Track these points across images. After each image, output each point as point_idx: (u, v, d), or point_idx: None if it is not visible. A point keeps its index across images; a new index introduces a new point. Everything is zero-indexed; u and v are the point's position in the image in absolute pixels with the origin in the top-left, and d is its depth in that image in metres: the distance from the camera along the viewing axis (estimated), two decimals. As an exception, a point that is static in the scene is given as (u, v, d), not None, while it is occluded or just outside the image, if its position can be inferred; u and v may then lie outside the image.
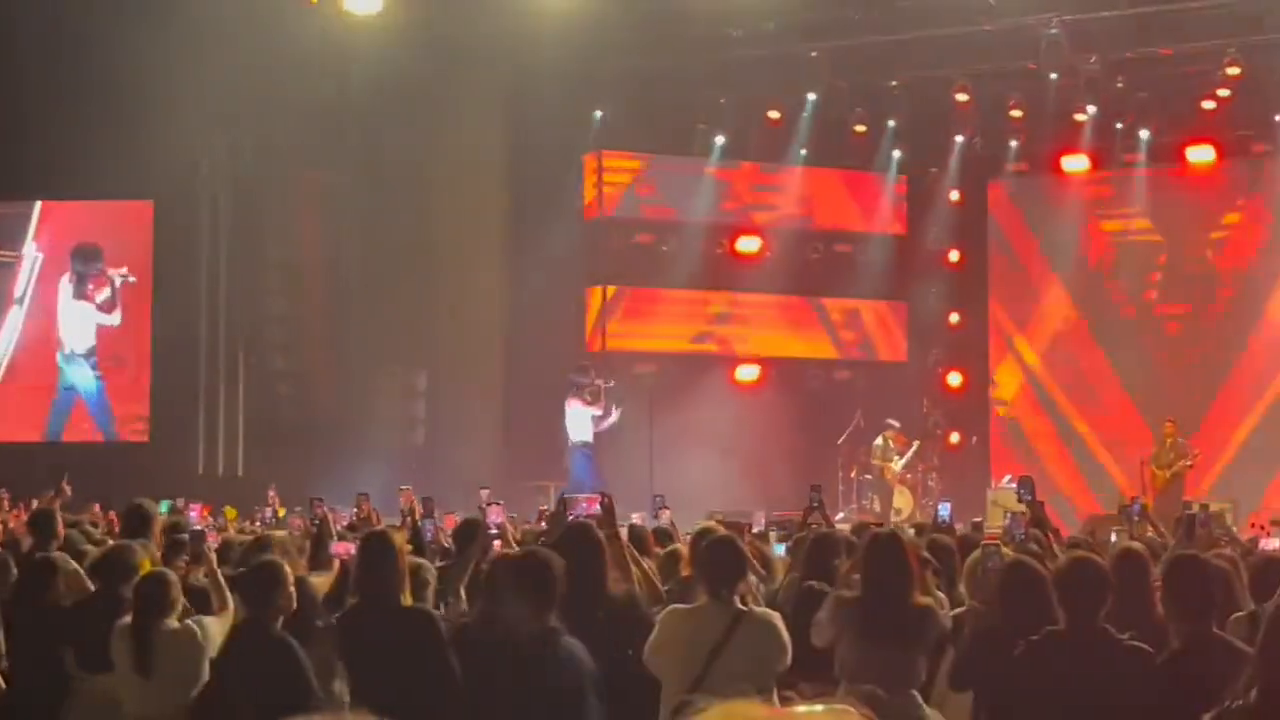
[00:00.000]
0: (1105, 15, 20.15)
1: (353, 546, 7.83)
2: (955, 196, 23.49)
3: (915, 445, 22.02)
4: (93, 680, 7.63)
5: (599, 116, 22.06)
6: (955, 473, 22.91)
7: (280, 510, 13.97)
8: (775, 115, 22.47)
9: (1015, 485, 10.94)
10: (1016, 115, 21.81)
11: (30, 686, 7.81)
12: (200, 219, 21.25)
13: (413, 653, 6.45)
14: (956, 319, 23.89)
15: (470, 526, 8.53)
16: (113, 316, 21.17)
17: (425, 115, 20.43)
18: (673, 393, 20.75)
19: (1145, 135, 21.66)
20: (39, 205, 21.36)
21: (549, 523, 8.88)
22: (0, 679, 7.91)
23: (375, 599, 6.70)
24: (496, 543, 8.04)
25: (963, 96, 21.65)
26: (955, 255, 23.81)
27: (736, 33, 21.35)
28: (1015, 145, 22.66)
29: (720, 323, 23.02)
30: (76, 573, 8.25)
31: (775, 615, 6.61)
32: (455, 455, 20.18)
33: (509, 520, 9.71)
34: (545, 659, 6.16)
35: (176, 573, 7.67)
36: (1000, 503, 16.45)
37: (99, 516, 12.83)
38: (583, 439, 18.55)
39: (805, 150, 22.62)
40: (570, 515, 7.64)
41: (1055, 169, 22.67)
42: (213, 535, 9.03)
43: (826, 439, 22.16)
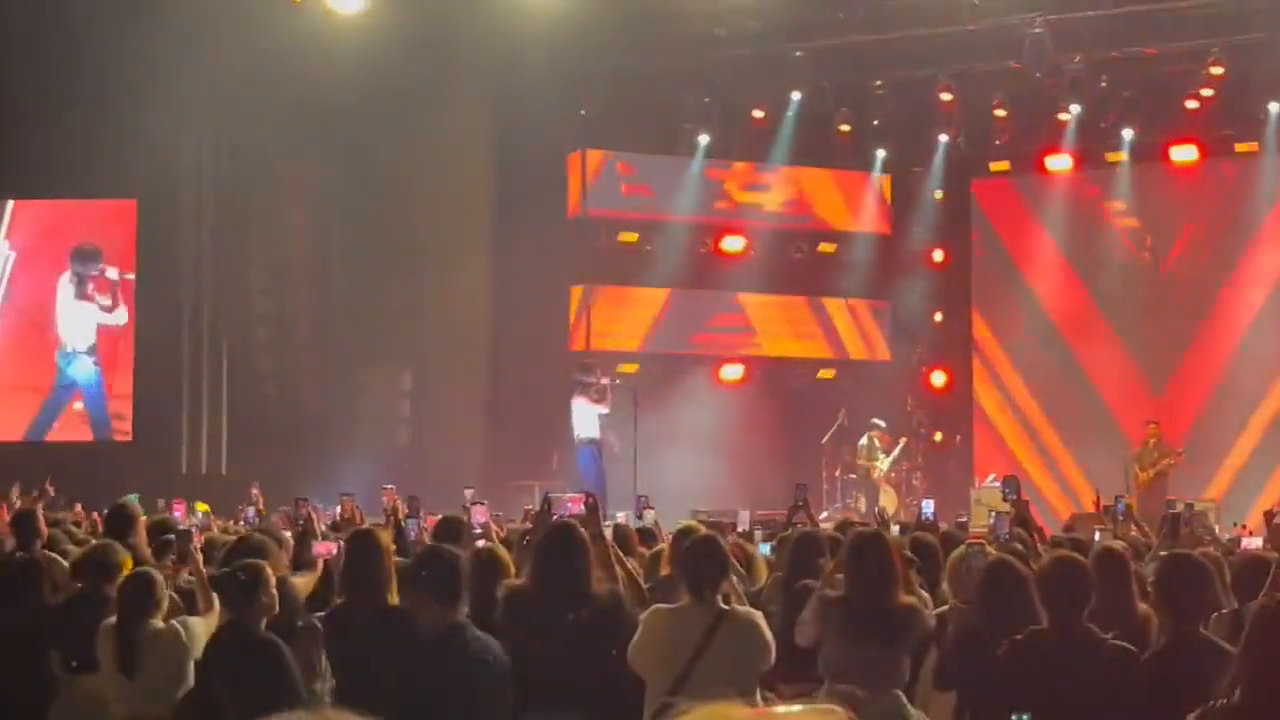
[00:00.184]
0: (1089, 15, 20.18)
1: (334, 546, 7.82)
2: (939, 196, 23.50)
3: (901, 444, 22.04)
4: (78, 680, 7.61)
5: (584, 115, 22.04)
6: (939, 472, 22.95)
7: (263, 509, 13.91)
8: (760, 114, 22.47)
9: (1000, 485, 10.96)
10: (1000, 115, 21.82)
11: (15, 687, 7.78)
12: (184, 218, 21.20)
13: (400, 652, 6.46)
14: (940, 318, 23.93)
15: (449, 525, 8.53)
16: (116, 315, 21.22)
17: (410, 114, 20.37)
18: (657, 392, 20.71)
19: (1129, 134, 21.69)
20: (11, 204, 21.31)
21: (533, 522, 8.87)
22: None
23: (362, 599, 6.70)
24: (480, 542, 8.04)
25: (947, 96, 21.68)
26: (939, 255, 23.82)
27: (721, 32, 21.36)
28: (999, 144, 22.67)
29: (704, 322, 22.99)
30: (65, 573, 8.22)
31: (758, 615, 6.61)
32: (440, 455, 20.16)
33: (493, 520, 9.72)
34: (452, 653, 6.22)
35: (163, 573, 7.65)
36: (984, 502, 16.45)
37: (81, 516, 12.79)
38: (589, 435, 18.50)
39: (790, 149, 22.61)
40: (555, 515, 7.64)
41: (1039, 168, 22.69)
42: (197, 535, 9.00)
43: (811, 438, 22.15)
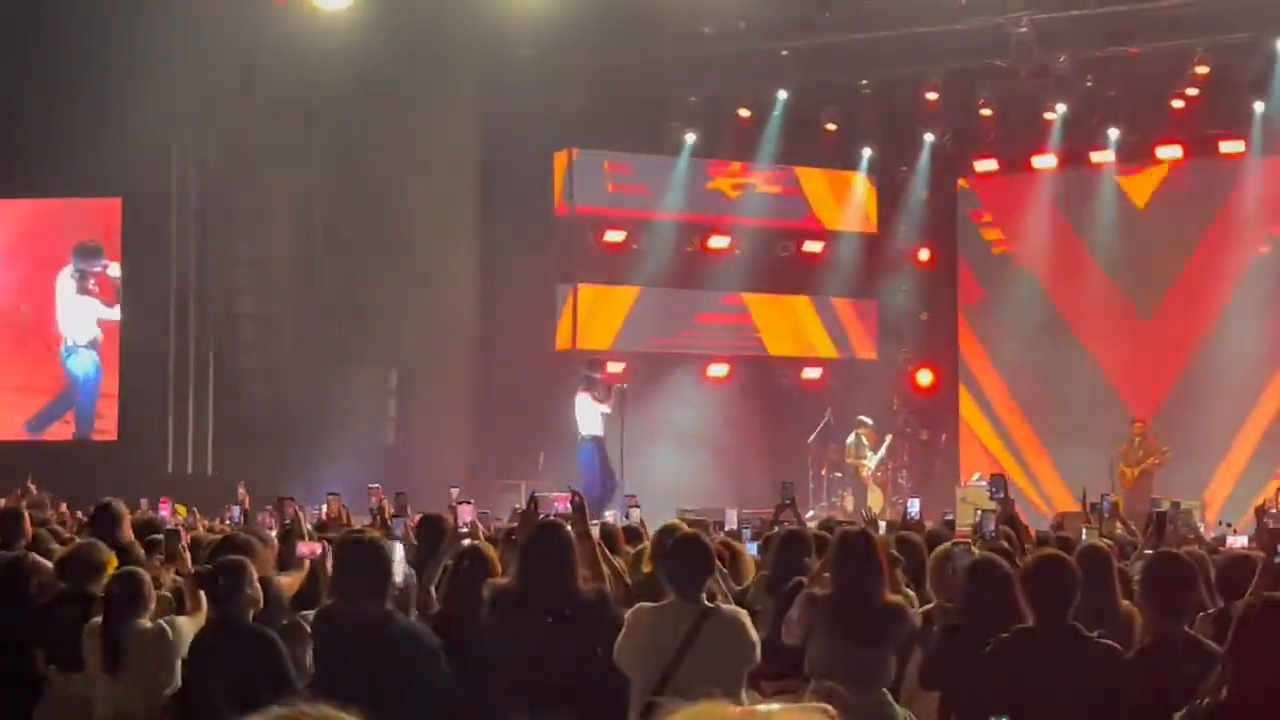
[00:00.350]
0: (1075, 14, 20.23)
1: (319, 546, 7.80)
2: (925, 195, 23.52)
3: (888, 441, 22.08)
4: (64, 679, 7.58)
5: (570, 114, 22.01)
6: (925, 470, 22.97)
7: (249, 509, 13.88)
8: (746, 113, 22.48)
9: (986, 483, 10.98)
10: (986, 114, 21.87)
11: (1, 686, 7.76)
12: (169, 217, 21.16)
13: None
14: (926, 317, 23.95)
15: (431, 523, 8.50)
16: (114, 310, 21.22)
17: (396, 112, 20.34)
18: (643, 391, 20.70)
19: (1115, 134, 21.75)
20: None
21: (519, 520, 8.86)
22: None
23: (354, 599, 6.69)
24: (466, 542, 8.02)
25: (933, 95, 21.70)
26: (925, 253, 23.83)
27: (708, 31, 21.38)
28: (985, 144, 22.71)
29: (691, 320, 22.98)
30: (50, 573, 8.19)
31: (742, 613, 6.59)
32: (426, 454, 20.12)
33: (479, 519, 9.70)
34: (383, 641, 6.30)
35: (151, 572, 7.63)
36: (970, 500, 16.47)
37: (67, 516, 12.75)
38: (592, 433, 18.47)
39: (776, 148, 22.61)
40: (541, 514, 7.63)
41: (1025, 167, 22.72)
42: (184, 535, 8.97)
43: (797, 437, 22.16)
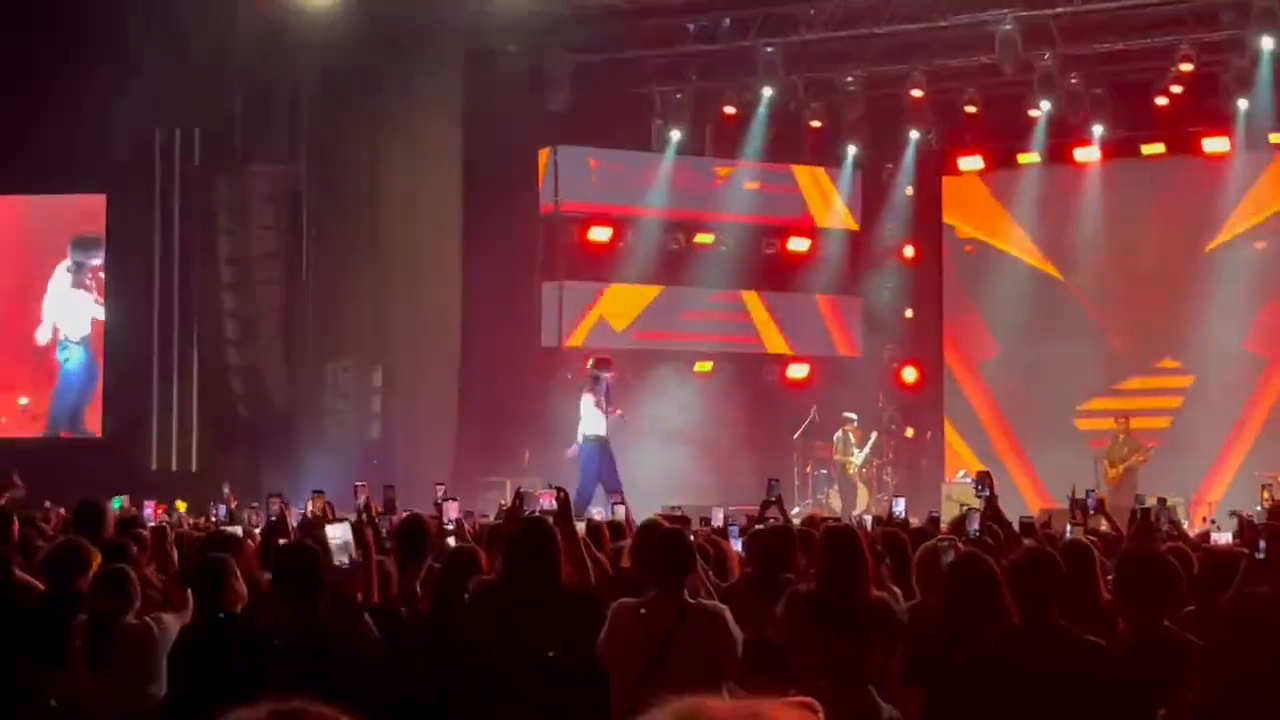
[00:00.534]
0: (1059, 11, 20.25)
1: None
2: (910, 191, 23.54)
3: (874, 437, 22.12)
4: (50, 678, 7.55)
5: (554, 110, 21.99)
6: (910, 468, 22.99)
7: (235, 509, 13.86)
8: (731, 110, 22.49)
9: (971, 480, 10.99)
10: (971, 111, 21.89)
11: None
12: (152, 213, 21.11)
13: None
14: (911, 314, 23.96)
15: (413, 524, 8.47)
16: (103, 307, 21.25)
17: (379, 110, 20.33)
18: (630, 387, 20.69)
19: (1099, 130, 21.79)
20: None
21: (505, 517, 8.85)
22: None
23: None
24: (451, 539, 8.02)
25: (918, 92, 21.72)
26: (910, 250, 23.86)
27: (693, 28, 21.38)
28: (970, 141, 22.73)
29: (676, 317, 22.96)
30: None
31: (724, 608, 6.57)
32: (411, 451, 20.10)
33: (463, 516, 9.70)
34: (311, 649, 6.27)
35: (135, 570, 7.60)
36: (956, 497, 16.50)
37: (51, 514, 12.71)
38: (595, 433, 18.46)
39: (761, 145, 22.62)
40: (527, 510, 7.62)
41: (1010, 164, 22.76)
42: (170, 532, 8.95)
43: (782, 433, 22.18)
